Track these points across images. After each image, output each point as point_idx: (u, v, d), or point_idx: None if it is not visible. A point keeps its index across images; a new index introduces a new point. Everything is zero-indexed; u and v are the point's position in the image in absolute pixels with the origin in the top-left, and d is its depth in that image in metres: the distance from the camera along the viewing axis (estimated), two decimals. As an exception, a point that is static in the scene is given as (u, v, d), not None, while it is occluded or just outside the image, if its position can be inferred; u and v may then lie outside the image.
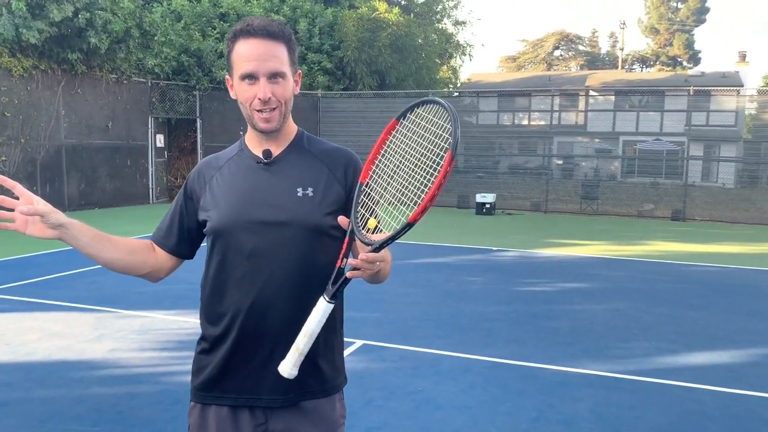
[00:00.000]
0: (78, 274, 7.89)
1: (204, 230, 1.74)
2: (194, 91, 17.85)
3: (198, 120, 18.16)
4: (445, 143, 1.45)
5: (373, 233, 1.52)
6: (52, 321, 5.81)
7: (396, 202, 1.54)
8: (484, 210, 16.39)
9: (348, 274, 1.51)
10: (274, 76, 1.61)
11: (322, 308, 1.53)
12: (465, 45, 28.18)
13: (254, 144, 1.74)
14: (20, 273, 7.83)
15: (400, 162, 1.58)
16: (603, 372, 4.83)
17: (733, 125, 28.80)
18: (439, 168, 1.44)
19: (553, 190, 19.00)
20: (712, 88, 26.88)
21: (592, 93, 30.45)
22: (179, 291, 6.90)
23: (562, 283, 8.23)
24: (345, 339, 1.84)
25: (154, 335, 5.44)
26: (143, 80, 16.79)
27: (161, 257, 1.80)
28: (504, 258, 10.06)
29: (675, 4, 50.91)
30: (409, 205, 1.49)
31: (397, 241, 1.48)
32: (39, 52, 13.72)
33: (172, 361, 4.88)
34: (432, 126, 1.52)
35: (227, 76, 1.71)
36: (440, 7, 27.71)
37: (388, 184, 1.59)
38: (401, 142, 1.61)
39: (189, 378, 1.81)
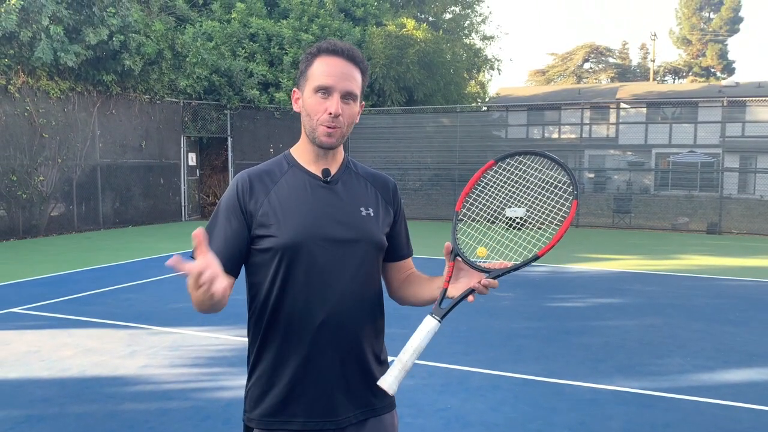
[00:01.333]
0: (112, 291, 8.04)
1: (261, 246, 1.65)
2: (225, 110, 18.16)
3: (229, 138, 18.45)
4: (564, 193, 1.68)
5: (484, 261, 1.64)
6: (86, 337, 5.92)
7: (508, 237, 1.72)
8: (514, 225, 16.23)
9: (469, 298, 1.62)
10: (348, 96, 1.66)
11: (431, 326, 1.57)
12: (493, 59, 28.14)
13: (308, 161, 1.72)
14: (56, 290, 8.01)
15: (507, 200, 1.79)
16: (636, 389, 4.73)
17: (770, 136, 28.13)
18: (562, 212, 1.66)
19: (584, 203, 18.78)
20: (747, 98, 26.37)
21: (623, 105, 30.12)
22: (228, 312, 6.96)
23: (594, 298, 8.11)
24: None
25: (185, 351, 5.51)
26: (175, 100, 17.14)
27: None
28: (534, 273, 9.95)
29: (707, 14, 50.20)
30: (529, 240, 1.68)
31: (426, 257, 1.55)
32: (75, 75, 14.12)
33: (203, 378, 4.92)
34: (541, 174, 1.75)
35: (294, 89, 1.75)
36: (468, 22, 27.77)
37: (492, 221, 1.76)
38: (502, 183, 1.77)
39: (220, 394, 1.83)
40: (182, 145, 17.67)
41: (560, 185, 1.68)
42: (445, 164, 19.38)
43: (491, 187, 1.78)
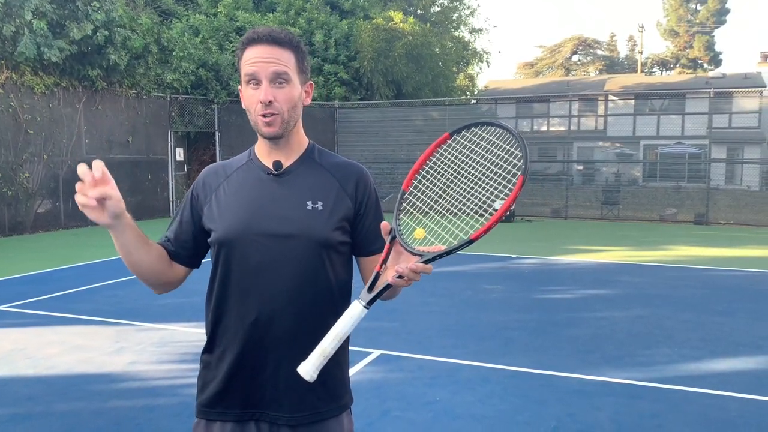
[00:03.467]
0: (99, 287, 7.97)
1: (209, 240, 1.70)
2: (212, 104, 18.04)
3: (217, 133, 18.34)
4: (513, 167, 1.47)
5: (421, 244, 1.50)
6: (73, 334, 5.87)
7: (450, 216, 1.53)
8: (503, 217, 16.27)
9: (391, 280, 1.46)
10: (277, 78, 1.59)
11: (356, 312, 1.48)
12: (482, 52, 28.12)
13: (264, 154, 1.71)
14: (42, 287, 7.94)
15: (454, 177, 1.58)
16: (624, 380, 4.75)
17: (757, 127, 28.36)
18: (506, 190, 1.46)
19: (573, 196, 18.85)
20: (734, 89, 26.53)
21: (611, 97, 30.21)
22: (198, 303, 6.89)
23: (583, 290, 8.14)
24: (363, 349, 1.84)
25: (173, 348, 5.47)
26: (162, 95, 17.01)
27: (176, 268, 1.78)
28: (524, 265, 9.98)
29: (694, 6, 50.41)
30: (467, 221, 1.48)
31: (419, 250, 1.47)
32: (60, 70, 13.97)
33: (191, 374, 4.89)
34: (494, 147, 1.54)
35: (239, 87, 1.70)
36: (456, 15, 27.72)
37: (438, 197, 1.58)
38: (455, 157, 1.60)
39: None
40: (169, 141, 17.55)
41: (512, 159, 1.49)
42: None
43: (441, 163, 1.62)
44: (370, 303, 1.49)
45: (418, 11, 26.67)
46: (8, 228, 13.26)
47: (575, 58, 56.31)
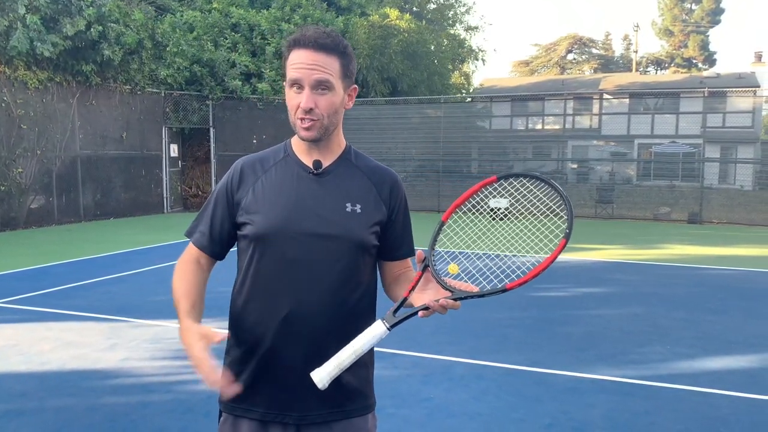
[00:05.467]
0: (92, 283, 7.95)
1: (242, 233, 1.69)
2: (207, 100, 17.99)
3: (211, 129, 18.29)
4: (557, 228, 1.53)
5: (453, 278, 1.53)
6: (66, 330, 5.85)
7: (486, 259, 1.58)
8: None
9: (421, 314, 1.50)
10: (319, 86, 1.60)
11: (378, 332, 1.50)
12: (477, 50, 28.14)
13: (302, 151, 1.71)
14: (35, 283, 7.90)
15: (496, 221, 1.65)
16: (618, 378, 4.77)
17: (750, 126, 28.47)
18: (548, 247, 1.51)
19: (567, 194, 18.86)
20: (728, 89, 26.63)
21: (606, 96, 30.27)
22: (215, 297, 6.91)
23: (577, 288, 8.16)
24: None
25: (166, 344, 5.46)
26: (157, 91, 16.95)
27: (207, 268, 1.78)
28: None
29: (689, 6, 50.55)
30: (503, 270, 1.53)
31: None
32: (54, 65, 13.89)
33: (185, 370, 4.88)
34: (539, 203, 1.60)
35: (284, 83, 1.70)
36: (452, 12, 27.72)
37: (477, 238, 1.64)
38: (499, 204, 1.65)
39: (201, 387, 1.81)
40: (164, 136, 17.50)
41: (556, 220, 1.56)
42: (429, 155, 19.39)
43: (483, 204, 1.69)
44: (393, 326, 1.52)
45: (414, 8, 26.66)
46: (1, 223, 13.19)
47: (570, 56, 56.37)
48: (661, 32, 52.07)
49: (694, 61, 50.85)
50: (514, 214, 1.66)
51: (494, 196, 1.72)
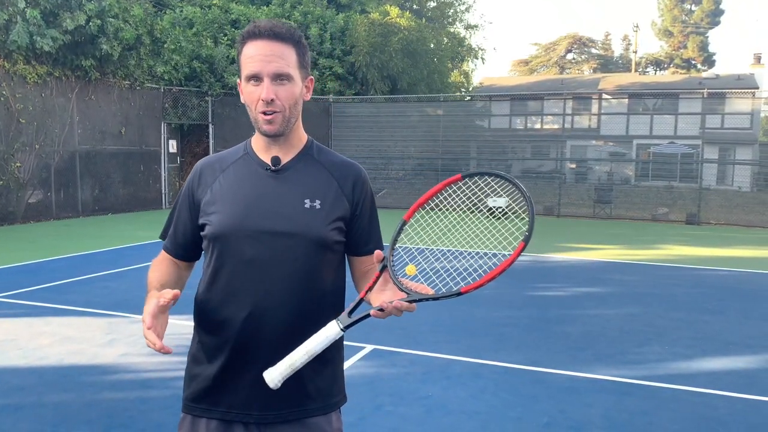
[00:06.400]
0: (90, 279, 7.94)
1: (203, 233, 1.67)
2: (206, 96, 17.97)
3: (210, 125, 18.27)
4: (517, 231, 1.45)
5: (410, 280, 1.48)
6: (64, 325, 5.85)
7: (444, 261, 1.52)
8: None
9: (372, 313, 1.46)
10: (279, 77, 1.57)
11: (332, 333, 1.47)
12: (477, 49, 28.12)
13: (261, 149, 1.68)
14: (33, 278, 7.89)
15: (458, 221, 1.57)
16: (615, 377, 4.78)
17: (749, 128, 28.51)
18: (505, 251, 1.43)
19: (565, 194, 18.90)
20: (727, 90, 26.65)
21: (605, 96, 30.30)
22: (191, 295, 6.90)
23: (574, 287, 8.17)
24: (355, 344, 1.82)
25: (165, 340, 5.40)
26: (156, 86, 16.92)
27: (184, 267, 1.79)
28: (516, 262, 9.94)
29: (689, 6, 50.57)
30: (460, 272, 1.46)
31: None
32: (53, 60, 13.87)
33: (183, 366, 4.87)
34: (503, 203, 1.52)
35: (238, 80, 1.67)
36: (452, 11, 27.70)
37: (438, 237, 1.56)
38: (462, 203, 1.58)
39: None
40: (162, 132, 17.47)
41: (518, 222, 1.48)
42: (428, 154, 19.38)
43: (448, 203, 1.61)
44: (347, 327, 1.48)
45: (414, 6, 26.64)
46: (-1, 218, 13.18)
47: (570, 56, 56.38)
48: (660, 33, 52.10)
49: (693, 62, 50.89)
50: (476, 213, 1.59)
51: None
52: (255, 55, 1.57)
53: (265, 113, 1.58)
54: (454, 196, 1.60)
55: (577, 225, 15.91)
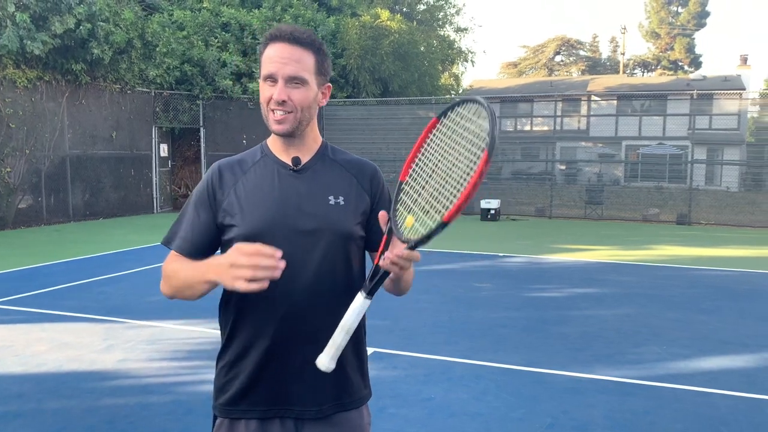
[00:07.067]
0: (86, 284, 7.88)
1: (227, 236, 1.67)
2: (197, 100, 17.89)
3: (201, 129, 18.20)
4: (482, 142, 1.41)
5: (410, 231, 1.50)
6: (61, 331, 5.80)
7: (433, 201, 1.50)
8: (489, 216, 16.38)
9: (382, 263, 1.48)
10: (293, 80, 1.61)
11: (359, 304, 1.51)
12: (467, 51, 28.20)
13: (279, 150, 1.72)
14: (27, 284, 7.82)
15: (439, 161, 1.55)
16: (615, 377, 4.80)
17: (736, 129, 28.77)
18: (475, 168, 1.39)
19: (557, 195, 18.98)
20: (715, 91, 26.88)
21: (594, 98, 30.46)
22: (187, 300, 6.87)
23: (570, 288, 8.20)
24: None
25: (163, 345, 5.42)
26: (147, 90, 16.84)
27: None
28: (511, 264, 10.03)
29: (675, 8, 50.99)
30: (445, 204, 1.45)
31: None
32: (43, 64, 13.77)
33: (183, 371, 4.86)
34: (471, 124, 1.48)
35: (259, 81, 1.71)
36: (442, 14, 27.76)
37: (426, 183, 1.55)
38: (441, 141, 1.57)
39: (201, 388, 1.79)
40: (154, 136, 17.39)
41: (483, 135, 1.41)
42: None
43: (432, 149, 1.59)
44: (370, 292, 1.51)
45: (404, 9, 26.67)
46: (-11, 223, 13.05)
47: (558, 58, 56.67)
48: (647, 35, 52.48)
49: (680, 64, 51.29)
50: (450, 153, 1.54)
51: (483, 197, 1.60)
52: (273, 57, 1.62)
53: (274, 112, 1.63)
54: (438, 141, 1.58)
55: (569, 226, 15.97)
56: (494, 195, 17.56)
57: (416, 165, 1.62)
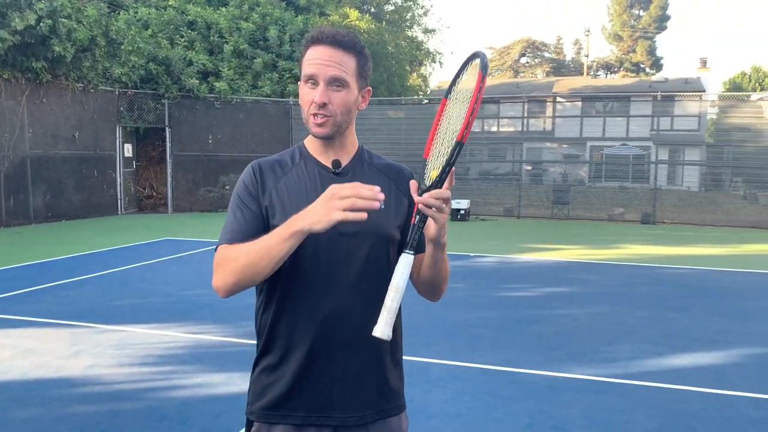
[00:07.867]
0: (50, 288, 7.65)
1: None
2: (163, 99, 17.58)
3: (167, 129, 17.88)
4: (476, 69, 1.49)
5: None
6: (25, 337, 5.61)
7: (447, 144, 1.54)
8: (458, 216, 16.45)
9: (419, 205, 1.47)
10: (335, 82, 1.60)
11: (406, 262, 1.49)
12: (435, 53, 28.33)
13: (318, 152, 1.71)
14: (-12, 288, 7.56)
15: (449, 123, 1.59)
16: (591, 376, 4.84)
17: (696, 130, 29.45)
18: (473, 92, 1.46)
19: (525, 195, 19.16)
20: (676, 93, 27.48)
21: (559, 99, 30.87)
22: (157, 303, 6.74)
23: (542, 287, 8.27)
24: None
25: (133, 350, 5.29)
26: (110, 89, 16.48)
27: None
28: (483, 264, 10.08)
29: (637, 12, 52.03)
30: (456, 132, 1.49)
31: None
32: (2, 61, 13.34)
33: (155, 377, 4.74)
34: (470, 76, 1.54)
35: (299, 83, 1.70)
36: (410, 15, 27.84)
37: (441, 144, 1.59)
38: (449, 111, 1.61)
39: (173, 393, 1.74)
40: (118, 136, 17.02)
41: (474, 72, 1.52)
42: (392, 157, 19.20)
43: (445, 120, 1.66)
44: (413, 247, 1.50)
45: (372, 9, 26.67)
46: (-55, 226, 12.60)
47: (524, 60, 57.33)
48: (610, 37, 53.46)
49: (642, 66, 52.37)
50: (455, 110, 1.64)
51: (452, 198, 1.66)
52: (315, 59, 1.61)
53: (315, 115, 1.62)
54: (448, 111, 1.63)
55: (537, 226, 16.14)
56: (463, 195, 17.65)
57: (436, 141, 1.63)
